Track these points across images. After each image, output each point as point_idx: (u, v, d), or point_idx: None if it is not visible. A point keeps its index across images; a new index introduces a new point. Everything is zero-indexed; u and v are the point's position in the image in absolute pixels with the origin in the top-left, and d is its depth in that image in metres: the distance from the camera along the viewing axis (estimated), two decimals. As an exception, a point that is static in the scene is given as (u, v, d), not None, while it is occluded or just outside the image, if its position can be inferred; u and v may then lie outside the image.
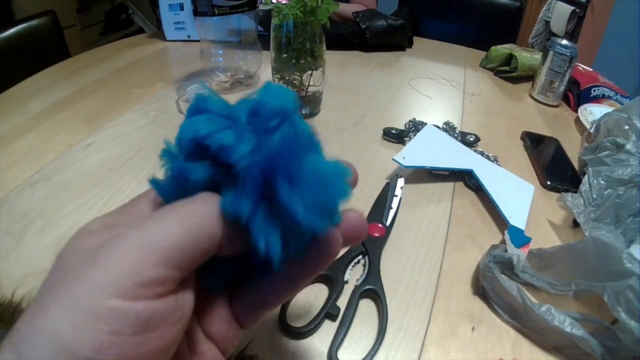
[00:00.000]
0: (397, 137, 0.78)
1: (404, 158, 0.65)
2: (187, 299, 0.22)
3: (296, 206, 0.20)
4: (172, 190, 0.23)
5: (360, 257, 0.52)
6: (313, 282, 0.49)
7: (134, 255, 0.19)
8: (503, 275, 0.48)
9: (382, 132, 0.80)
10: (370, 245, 0.53)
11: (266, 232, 0.21)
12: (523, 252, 0.50)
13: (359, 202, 0.62)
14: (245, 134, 0.22)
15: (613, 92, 1.00)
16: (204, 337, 0.25)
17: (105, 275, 0.19)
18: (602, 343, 0.41)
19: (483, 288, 0.49)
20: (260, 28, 0.96)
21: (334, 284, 0.47)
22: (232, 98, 0.25)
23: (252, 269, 0.26)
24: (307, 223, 0.21)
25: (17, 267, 0.49)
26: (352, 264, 0.51)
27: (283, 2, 0.73)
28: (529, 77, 1.08)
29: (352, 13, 1.25)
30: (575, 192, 0.60)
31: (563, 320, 0.42)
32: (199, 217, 0.21)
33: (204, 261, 0.21)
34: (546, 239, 0.59)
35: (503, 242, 0.54)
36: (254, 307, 0.26)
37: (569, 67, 0.95)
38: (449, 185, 0.68)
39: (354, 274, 0.50)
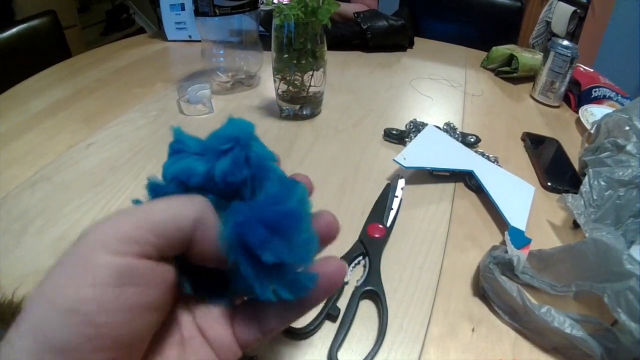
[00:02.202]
0: (398, 137, 0.78)
1: (404, 159, 0.65)
2: (166, 269, 0.24)
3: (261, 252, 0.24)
4: None
5: (361, 257, 0.52)
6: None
7: (122, 222, 0.22)
8: (503, 276, 0.48)
9: (382, 133, 0.80)
10: (370, 246, 0.53)
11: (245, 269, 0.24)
12: (523, 253, 0.50)
13: (359, 202, 0.62)
14: (202, 161, 0.27)
15: (614, 93, 1.00)
16: (200, 338, 0.27)
17: (96, 235, 0.22)
18: (602, 344, 0.41)
19: (483, 289, 0.49)
20: (261, 28, 0.96)
21: (334, 284, 0.47)
22: (233, 98, 0.26)
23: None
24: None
25: (16, 267, 0.49)
26: (353, 264, 0.51)
27: (284, 3, 0.73)
28: (530, 77, 1.08)
29: (353, 13, 1.26)
30: (576, 193, 0.60)
31: (563, 321, 0.42)
32: (179, 209, 0.24)
33: (178, 246, 0.24)
34: (546, 240, 0.59)
35: (503, 243, 0.54)
36: (252, 330, 0.27)
37: (570, 67, 0.95)
38: (449, 186, 0.68)
39: (354, 275, 0.50)
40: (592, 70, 1.08)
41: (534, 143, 0.81)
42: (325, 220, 0.28)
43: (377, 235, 0.54)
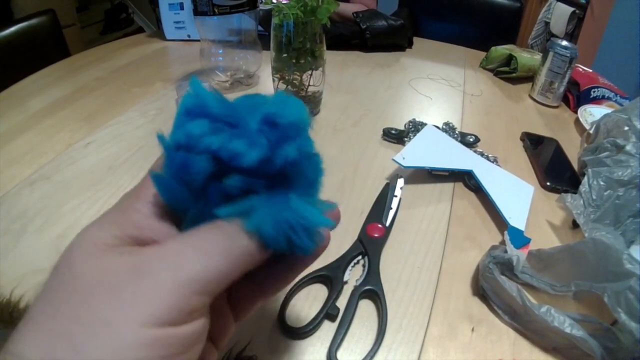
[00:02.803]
0: (397, 137, 0.78)
1: (403, 158, 0.65)
2: (206, 322, 0.23)
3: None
4: (174, 185, 0.23)
5: (360, 257, 0.52)
6: (312, 283, 0.49)
7: (171, 287, 0.20)
8: (503, 276, 0.48)
9: (381, 133, 0.80)
10: (369, 246, 0.52)
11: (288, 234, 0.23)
12: (523, 253, 0.50)
13: (358, 202, 0.62)
14: (256, 141, 0.23)
15: (613, 93, 1.00)
16: None
17: (145, 305, 0.19)
18: (602, 344, 0.41)
19: (483, 289, 0.49)
20: (260, 28, 0.96)
21: (334, 284, 0.47)
22: (232, 97, 0.26)
23: None
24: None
25: (15, 266, 0.49)
26: (352, 264, 0.51)
27: (283, 2, 0.73)
28: (529, 77, 1.08)
29: (352, 13, 1.25)
30: (575, 193, 0.60)
31: (563, 321, 0.42)
32: (236, 252, 0.22)
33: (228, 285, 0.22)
34: (546, 239, 0.59)
35: (503, 242, 0.54)
36: (251, 296, 0.27)
37: (569, 68, 0.95)
38: (448, 186, 0.68)
39: (353, 275, 0.50)
40: (591, 70, 1.08)
41: (533, 143, 0.81)
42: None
43: (376, 235, 0.54)
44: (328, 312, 0.45)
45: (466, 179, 0.68)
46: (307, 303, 0.47)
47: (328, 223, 0.24)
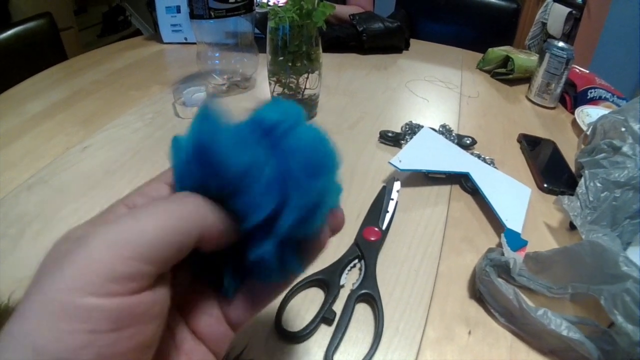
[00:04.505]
0: (394, 140, 0.78)
1: (400, 161, 0.65)
2: (163, 295, 0.21)
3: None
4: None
5: (356, 261, 0.52)
6: (309, 286, 0.49)
7: (104, 250, 0.19)
8: (499, 279, 0.48)
9: (378, 135, 0.80)
10: (366, 249, 0.52)
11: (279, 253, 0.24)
12: (519, 255, 0.50)
13: (355, 205, 0.62)
14: (271, 187, 0.23)
15: (610, 94, 1.00)
16: (191, 336, 0.25)
17: (77, 273, 0.18)
18: (599, 346, 0.41)
19: (479, 291, 0.49)
20: (256, 31, 0.96)
21: (330, 288, 0.47)
22: (229, 101, 0.26)
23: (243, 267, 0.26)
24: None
25: (13, 271, 0.49)
26: (348, 268, 0.51)
27: (279, 5, 0.73)
28: (526, 79, 1.08)
29: (349, 15, 1.26)
30: (572, 195, 0.60)
31: (560, 323, 0.42)
32: (177, 217, 0.21)
33: (180, 258, 0.21)
34: (543, 242, 0.59)
35: (499, 245, 0.54)
36: (249, 304, 0.27)
37: (566, 69, 0.95)
38: (445, 189, 0.68)
39: (349, 278, 0.50)
40: (587, 71, 1.08)
41: (530, 144, 0.81)
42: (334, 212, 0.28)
43: (372, 238, 0.54)
44: (325, 316, 0.45)
45: (463, 181, 0.68)
46: (303, 307, 0.47)
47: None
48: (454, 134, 0.79)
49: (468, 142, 0.78)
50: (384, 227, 0.56)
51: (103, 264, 0.19)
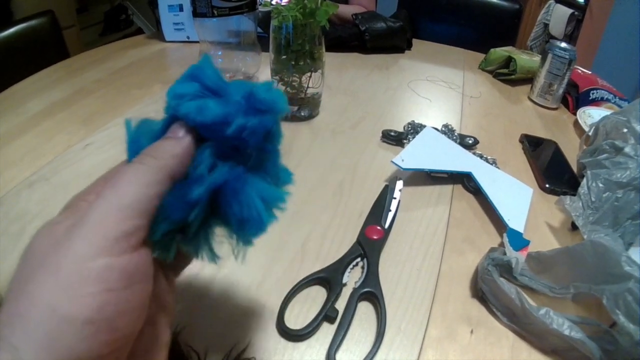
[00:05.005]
0: (396, 139, 0.78)
1: (402, 160, 0.65)
2: (150, 254, 0.24)
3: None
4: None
5: (359, 259, 0.52)
6: (311, 285, 0.49)
7: (107, 215, 0.21)
8: (502, 278, 0.48)
9: (380, 135, 0.80)
10: (368, 248, 0.52)
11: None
12: (522, 255, 0.50)
13: (357, 204, 0.62)
14: (223, 104, 0.27)
15: (612, 95, 1.00)
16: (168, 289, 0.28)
17: (87, 239, 0.21)
18: (601, 346, 0.41)
19: (482, 291, 0.49)
20: (259, 29, 0.96)
21: (333, 286, 0.47)
22: None
23: None
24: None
25: (14, 269, 0.49)
26: (351, 266, 0.51)
27: (282, 4, 0.73)
28: (528, 79, 1.08)
29: (352, 15, 1.26)
30: (574, 195, 0.60)
31: (562, 323, 0.42)
32: (154, 170, 0.24)
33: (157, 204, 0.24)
34: (545, 242, 0.59)
35: (502, 245, 0.54)
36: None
37: (568, 69, 0.95)
38: (447, 188, 0.68)
39: (352, 277, 0.50)
40: (590, 72, 1.08)
41: (532, 145, 0.81)
42: None
43: (375, 237, 0.54)
44: (327, 314, 0.44)
45: (465, 181, 0.68)
46: (305, 305, 0.47)
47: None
48: (456, 134, 0.79)
49: (470, 142, 0.78)
50: (386, 226, 0.56)
51: (109, 226, 0.21)
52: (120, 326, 0.21)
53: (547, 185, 0.69)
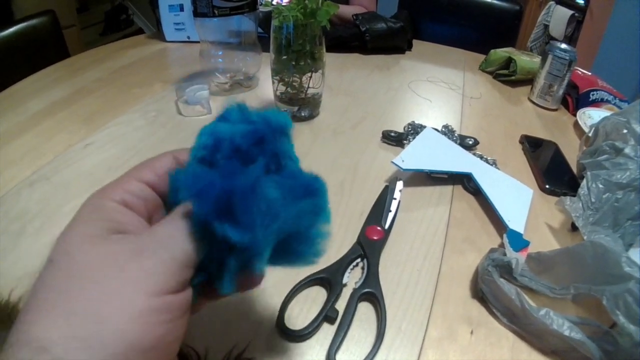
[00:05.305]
0: (396, 140, 0.78)
1: (403, 161, 0.65)
2: (191, 289, 0.27)
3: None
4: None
5: (359, 260, 0.52)
6: (311, 285, 0.49)
7: (172, 263, 0.24)
8: (502, 279, 0.48)
9: (381, 135, 0.80)
10: (369, 248, 0.52)
11: None
12: (522, 256, 0.50)
13: (357, 204, 0.62)
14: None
15: (612, 96, 1.00)
16: None
17: (157, 276, 0.23)
18: (601, 346, 0.41)
19: (482, 291, 0.49)
20: (260, 29, 0.96)
21: (333, 286, 0.47)
22: (231, 99, 0.27)
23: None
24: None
25: (14, 268, 0.49)
26: (351, 266, 0.51)
27: (283, 4, 0.73)
28: (528, 80, 1.08)
29: (352, 15, 1.26)
30: (574, 196, 0.60)
31: (562, 323, 0.42)
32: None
33: None
34: (545, 242, 0.59)
35: (502, 245, 0.54)
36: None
37: (568, 70, 0.95)
38: (447, 189, 0.68)
39: (352, 277, 0.50)
40: (590, 73, 1.08)
41: (532, 146, 0.81)
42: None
43: (375, 238, 0.54)
44: (327, 315, 0.45)
45: (465, 181, 0.68)
46: (306, 305, 0.47)
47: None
48: (456, 135, 0.79)
49: (470, 142, 0.78)
50: (386, 227, 0.56)
51: (169, 272, 0.24)
52: (173, 349, 0.24)
53: (547, 186, 0.69)
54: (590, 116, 0.92)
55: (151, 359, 0.22)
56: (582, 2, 2.47)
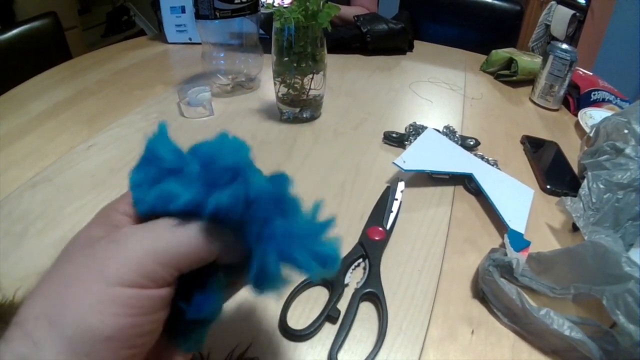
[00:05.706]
0: (398, 140, 0.78)
1: (404, 162, 0.65)
2: (171, 291, 0.26)
3: None
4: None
5: (361, 260, 0.52)
6: (313, 285, 0.49)
7: (141, 254, 0.24)
8: (502, 279, 0.48)
9: (382, 136, 0.80)
10: (370, 249, 0.53)
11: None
12: (522, 256, 0.51)
13: (359, 205, 0.62)
14: (190, 186, 0.26)
15: (613, 96, 1.00)
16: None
17: (123, 267, 0.23)
18: (601, 346, 0.41)
19: (482, 291, 0.49)
20: (261, 31, 0.97)
21: (334, 287, 0.47)
22: (233, 101, 0.27)
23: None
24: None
25: (17, 268, 0.49)
26: (353, 267, 0.51)
27: (285, 6, 0.73)
28: (529, 81, 1.08)
29: (353, 17, 1.26)
30: (575, 196, 0.60)
31: (562, 323, 0.42)
32: (192, 244, 0.25)
33: (196, 267, 0.26)
34: (545, 242, 0.59)
35: (502, 245, 0.54)
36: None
37: (569, 71, 0.95)
38: (449, 189, 0.68)
39: (354, 277, 0.50)
40: (591, 73, 1.08)
41: (533, 146, 0.81)
42: None
43: (377, 238, 0.54)
44: (329, 315, 0.45)
45: (466, 182, 0.68)
46: (308, 305, 0.47)
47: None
48: (457, 135, 0.79)
49: (472, 143, 0.78)
50: (388, 227, 0.56)
51: (146, 265, 0.24)
52: (137, 344, 0.23)
53: (548, 187, 0.69)
54: (592, 116, 0.92)
55: (112, 348, 0.22)
56: (584, 2, 2.47)
